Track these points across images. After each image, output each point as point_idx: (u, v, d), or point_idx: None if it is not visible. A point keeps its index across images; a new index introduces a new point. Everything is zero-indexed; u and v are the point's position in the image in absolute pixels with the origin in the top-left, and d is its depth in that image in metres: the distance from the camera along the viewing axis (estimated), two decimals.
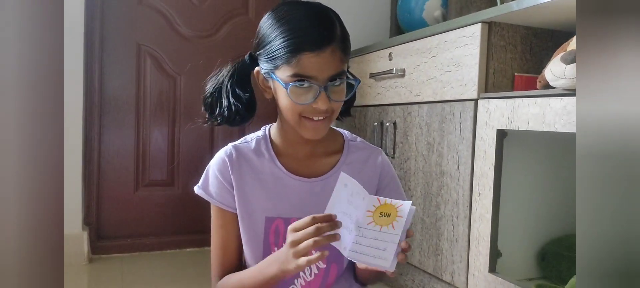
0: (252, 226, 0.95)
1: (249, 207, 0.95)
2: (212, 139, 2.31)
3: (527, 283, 1.33)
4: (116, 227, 2.19)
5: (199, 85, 2.57)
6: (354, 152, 0.99)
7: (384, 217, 0.81)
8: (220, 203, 0.96)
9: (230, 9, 2.31)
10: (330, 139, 0.99)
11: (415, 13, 2.05)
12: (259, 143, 0.98)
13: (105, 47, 2.13)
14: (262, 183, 0.95)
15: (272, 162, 0.96)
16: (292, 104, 0.85)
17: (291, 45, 0.83)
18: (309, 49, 0.82)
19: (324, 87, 0.84)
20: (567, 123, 1.08)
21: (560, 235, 1.42)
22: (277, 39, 0.85)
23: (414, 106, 1.64)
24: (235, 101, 0.93)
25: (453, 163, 1.45)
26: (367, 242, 0.80)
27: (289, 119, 0.89)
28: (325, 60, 0.83)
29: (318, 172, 0.96)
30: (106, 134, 2.16)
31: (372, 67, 1.89)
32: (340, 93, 0.88)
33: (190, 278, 1.88)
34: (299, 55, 0.82)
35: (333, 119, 0.91)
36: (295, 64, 0.83)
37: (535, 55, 1.41)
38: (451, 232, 1.46)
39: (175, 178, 2.28)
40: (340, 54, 0.85)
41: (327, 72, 0.84)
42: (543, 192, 1.41)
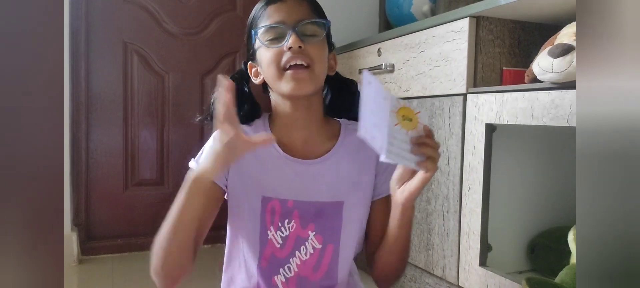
0: (249, 204, 0.95)
1: (246, 185, 0.95)
2: (201, 136, 2.30)
3: (518, 276, 1.34)
4: (106, 227, 2.17)
5: (187, 82, 2.56)
6: (351, 134, 0.99)
7: (407, 121, 0.81)
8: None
9: (218, 6, 2.30)
10: (326, 125, 1.01)
11: (403, 8, 2.05)
12: (258, 125, 1.00)
13: (91, 46, 2.10)
14: (259, 162, 0.95)
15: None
16: (270, 56, 0.90)
17: (261, 6, 0.93)
18: (274, 0, 0.91)
19: (293, 29, 0.88)
20: (555, 117, 1.08)
21: (549, 228, 1.43)
22: (256, 9, 0.95)
23: (403, 101, 1.64)
24: (238, 98, 0.95)
25: (443, 158, 1.45)
26: (399, 144, 0.80)
27: (272, 78, 0.92)
28: (290, 6, 0.90)
29: (314, 154, 0.97)
30: (94, 133, 2.14)
31: (361, 62, 1.88)
32: (314, 40, 0.91)
33: None
34: (268, 8, 0.91)
35: (316, 74, 0.91)
36: (265, 15, 0.91)
37: (523, 49, 1.41)
38: (442, 227, 1.46)
39: (165, 177, 2.27)
40: (308, 5, 0.92)
41: (293, 16, 0.90)
42: (532, 185, 1.41)
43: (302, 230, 0.95)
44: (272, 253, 0.95)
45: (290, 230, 0.95)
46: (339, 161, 0.97)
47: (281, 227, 0.95)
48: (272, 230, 0.95)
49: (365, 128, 0.76)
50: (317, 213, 0.95)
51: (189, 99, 2.27)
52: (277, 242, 0.95)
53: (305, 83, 0.90)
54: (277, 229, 0.95)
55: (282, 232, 0.95)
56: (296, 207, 0.95)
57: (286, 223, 0.95)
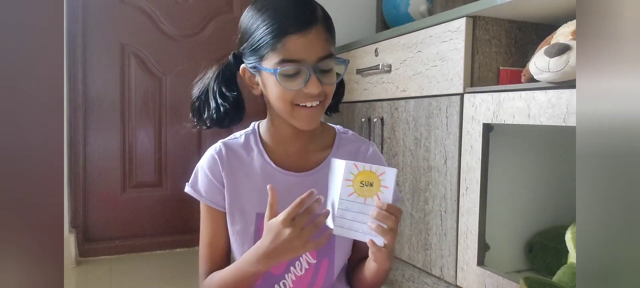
0: (243, 222, 0.94)
1: (240, 203, 0.94)
2: (199, 138, 2.30)
3: (515, 275, 1.34)
4: (104, 229, 2.17)
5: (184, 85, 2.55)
6: (344, 145, 0.99)
7: (367, 187, 0.78)
8: (210, 202, 0.95)
9: (215, 7, 2.30)
10: (321, 134, 0.99)
11: (400, 8, 2.05)
12: (248, 138, 0.97)
13: (88, 48, 2.10)
14: (252, 179, 0.94)
15: (261, 157, 0.95)
16: (283, 92, 0.84)
17: (275, 30, 0.82)
18: (293, 30, 0.81)
19: (313, 69, 0.82)
20: (552, 116, 1.09)
21: (546, 227, 1.43)
22: (259, 28, 0.84)
23: (400, 101, 1.64)
24: (223, 102, 0.92)
25: (440, 158, 1.45)
26: (352, 215, 0.78)
27: (281, 110, 0.87)
28: (311, 41, 0.81)
29: (308, 166, 0.96)
30: (91, 136, 2.13)
31: (359, 63, 1.89)
32: (331, 76, 0.86)
33: (180, 279, 1.87)
34: (284, 39, 0.81)
35: (326, 105, 0.89)
36: (281, 49, 0.81)
37: (519, 48, 1.42)
38: (440, 227, 1.47)
39: (163, 178, 2.26)
40: (326, 34, 0.84)
41: (314, 54, 0.82)
42: (529, 184, 1.42)
43: None
44: (267, 271, 0.93)
45: None
46: None
47: None
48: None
49: (325, 205, 0.81)
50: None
51: (187, 101, 2.24)
52: None
53: (317, 119, 0.88)
54: None
55: None
56: None
57: None
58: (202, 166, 0.96)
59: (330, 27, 0.87)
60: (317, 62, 0.83)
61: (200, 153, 1.00)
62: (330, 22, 0.88)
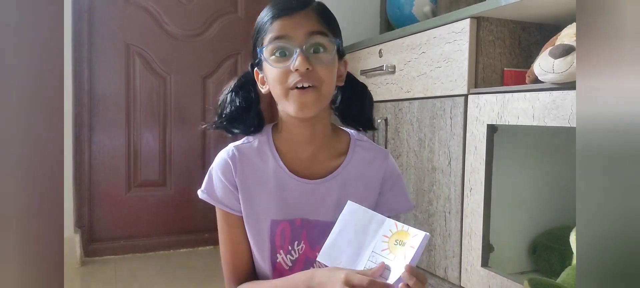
0: (258, 228, 0.93)
1: (254, 209, 0.93)
2: (204, 138, 2.30)
3: (519, 276, 1.34)
4: (109, 229, 2.18)
5: (189, 84, 2.56)
6: (359, 153, 0.98)
7: (399, 245, 0.77)
8: (226, 207, 0.94)
9: (219, 7, 2.30)
10: (335, 139, 0.98)
11: (405, 9, 2.05)
12: (262, 143, 0.96)
13: (93, 48, 2.11)
14: (265, 185, 0.93)
15: (276, 163, 0.94)
16: (276, 74, 0.85)
17: (268, 16, 0.87)
18: (283, 14, 0.86)
19: (301, 47, 0.84)
20: (556, 117, 1.09)
21: (550, 228, 1.43)
22: (259, 22, 0.90)
23: (404, 102, 1.64)
24: (236, 98, 0.94)
25: (444, 159, 1.45)
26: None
27: (278, 96, 0.88)
28: (298, 21, 0.85)
29: (322, 173, 0.94)
30: (96, 135, 2.14)
31: (363, 64, 1.89)
32: (323, 58, 0.86)
33: (184, 279, 1.88)
34: (274, 22, 0.86)
35: (323, 94, 0.87)
36: (270, 30, 0.86)
37: (523, 49, 1.41)
38: (444, 228, 1.46)
39: (168, 178, 2.27)
40: (317, 17, 0.87)
41: (301, 30, 0.84)
42: (533, 185, 1.42)
43: (311, 251, 0.94)
44: (280, 276, 0.93)
45: (299, 252, 0.94)
46: (346, 180, 0.95)
47: (291, 250, 0.94)
48: (281, 254, 0.94)
49: (327, 254, 0.82)
50: (325, 233, 0.90)
51: (191, 101, 2.28)
52: (286, 264, 0.94)
53: (310, 106, 0.86)
54: (287, 252, 0.94)
55: (292, 255, 0.94)
56: (304, 226, 0.93)
57: (296, 246, 0.94)
58: (214, 170, 0.95)
59: (324, 14, 0.89)
60: (304, 40, 0.84)
61: (205, 153, 1.00)
62: (324, 9, 0.90)
